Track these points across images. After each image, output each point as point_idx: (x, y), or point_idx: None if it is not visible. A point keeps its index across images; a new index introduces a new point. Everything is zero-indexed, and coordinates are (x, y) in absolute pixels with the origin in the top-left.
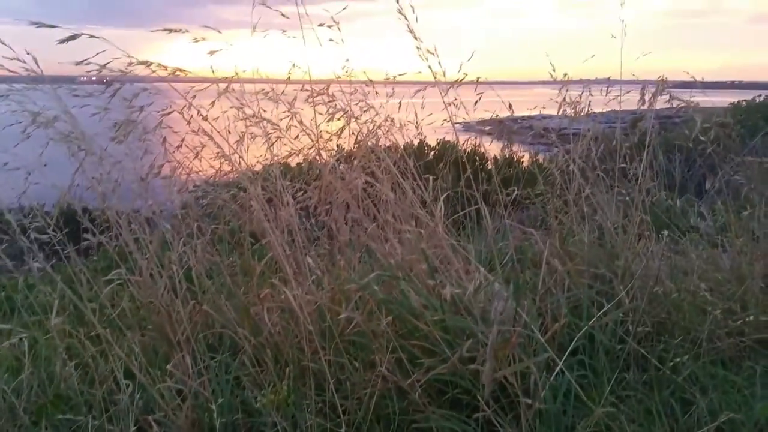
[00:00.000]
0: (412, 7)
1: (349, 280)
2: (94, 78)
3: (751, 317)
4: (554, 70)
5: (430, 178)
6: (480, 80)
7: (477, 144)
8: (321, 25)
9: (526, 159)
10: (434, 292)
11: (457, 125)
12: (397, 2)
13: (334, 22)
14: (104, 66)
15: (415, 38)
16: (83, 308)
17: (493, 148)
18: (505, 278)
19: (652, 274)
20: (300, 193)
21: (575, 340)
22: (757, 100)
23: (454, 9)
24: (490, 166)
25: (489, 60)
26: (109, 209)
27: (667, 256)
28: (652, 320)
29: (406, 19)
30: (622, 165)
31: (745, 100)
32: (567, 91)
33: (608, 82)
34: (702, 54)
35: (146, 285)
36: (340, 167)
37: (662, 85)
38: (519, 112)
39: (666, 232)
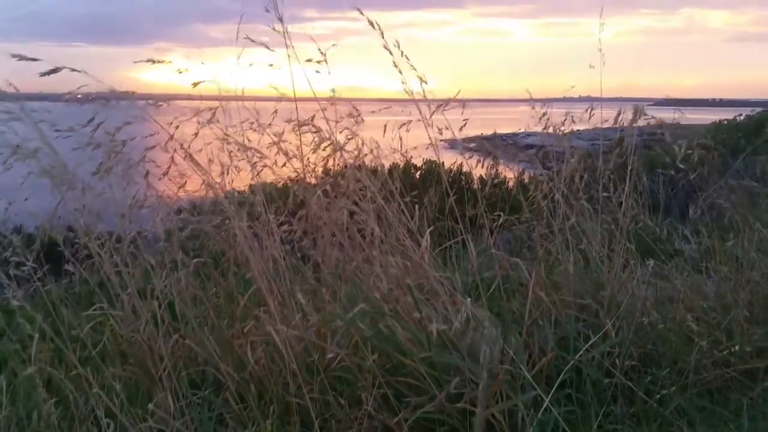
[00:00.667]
0: (397, 42)
1: (335, 315)
2: (79, 95)
3: (737, 347)
4: (529, 91)
5: (416, 207)
6: (465, 99)
7: (461, 165)
8: (309, 60)
9: (511, 177)
10: (420, 325)
11: (443, 143)
12: (380, 32)
13: (322, 54)
14: (88, 98)
15: (397, 67)
16: (64, 348)
17: (478, 165)
18: (490, 308)
19: (638, 304)
20: (285, 226)
21: (563, 373)
22: (738, 119)
23: (437, 28)
24: (475, 186)
25: (473, 79)
26: (90, 241)
27: (652, 284)
28: (638, 351)
29: (390, 53)
30: (606, 194)
31: (726, 120)
32: (545, 113)
33: (590, 100)
34: (682, 72)
35: (128, 319)
36: (326, 192)
37: (640, 111)
38: (503, 130)
39: (652, 262)
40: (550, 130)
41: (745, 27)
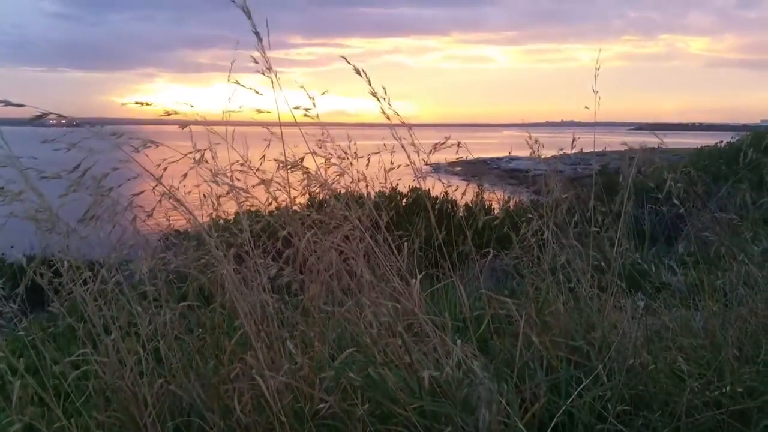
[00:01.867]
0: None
1: (325, 363)
2: (63, 121)
3: (728, 387)
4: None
5: (404, 241)
6: (451, 123)
7: (447, 192)
8: (297, 107)
9: (496, 206)
10: (411, 370)
11: (427, 167)
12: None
13: (311, 99)
14: (73, 145)
15: (375, 96)
16: (48, 401)
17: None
18: (481, 348)
19: (628, 345)
20: (273, 271)
21: (555, 418)
22: (720, 146)
23: (421, 54)
24: (461, 213)
25: (456, 104)
26: (75, 285)
27: (642, 323)
28: (630, 393)
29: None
30: (596, 230)
31: (708, 146)
32: (537, 140)
33: (572, 125)
34: (662, 97)
35: (112, 365)
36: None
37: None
38: (489, 154)
39: (641, 303)
40: (536, 153)
41: (724, 53)
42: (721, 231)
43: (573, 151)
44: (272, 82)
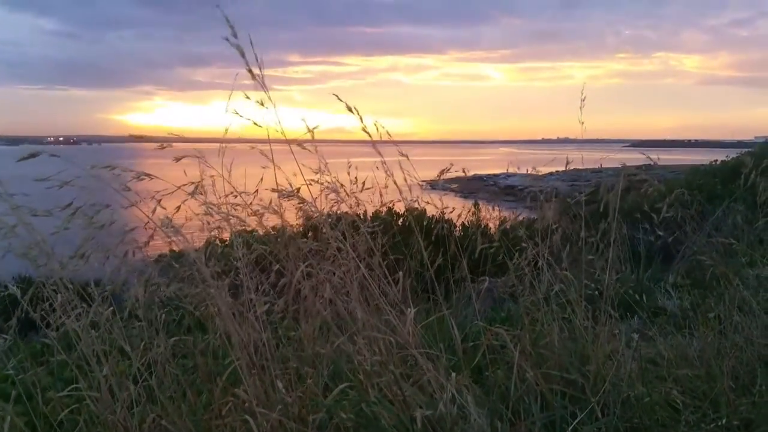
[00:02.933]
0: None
1: (317, 402)
2: (61, 138)
3: (724, 420)
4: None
5: (400, 274)
6: (448, 140)
7: (443, 212)
8: (293, 142)
9: (492, 222)
10: (405, 406)
11: (424, 183)
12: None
13: (310, 131)
14: (66, 182)
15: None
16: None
17: (459, 206)
18: (475, 380)
19: (623, 376)
20: (266, 306)
21: None
22: (714, 164)
23: (418, 72)
24: (457, 232)
25: (454, 120)
26: (68, 319)
27: (636, 353)
28: (624, 426)
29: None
30: (590, 257)
31: (703, 164)
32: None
33: (568, 142)
34: (657, 114)
35: (105, 402)
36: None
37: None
38: (485, 171)
39: (635, 335)
40: (530, 170)
41: (717, 71)
42: (716, 255)
43: (570, 168)
44: (262, 104)
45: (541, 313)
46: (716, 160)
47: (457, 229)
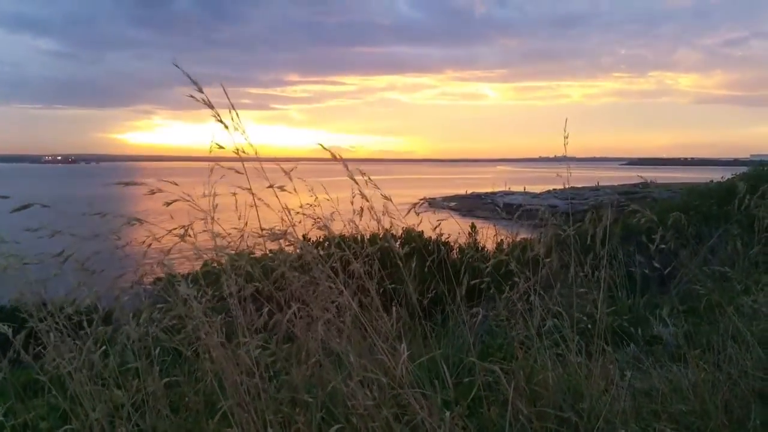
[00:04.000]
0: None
1: None
2: (59, 157)
3: None
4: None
5: (394, 311)
6: (446, 158)
7: (440, 235)
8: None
9: (491, 243)
10: None
11: (422, 200)
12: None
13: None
14: (57, 231)
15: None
16: None
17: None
18: (470, 419)
19: (617, 414)
20: (258, 351)
21: None
22: (713, 181)
23: (415, 91)
24: (455, 255)
25: (451, 139)
26: (63, 362)
27: (629, 390)
28: None
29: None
30: (583, 290)
31: (699, 185)
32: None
33: (566, 160)
34: (654, 132)
35: None
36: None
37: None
38: (483, 189)
39: (629, 375)
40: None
41: (712, 90)
42: (711, 284)
43: (567, 186)
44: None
45: (534, 349)
46: (712, 180)
47: (454, 251)
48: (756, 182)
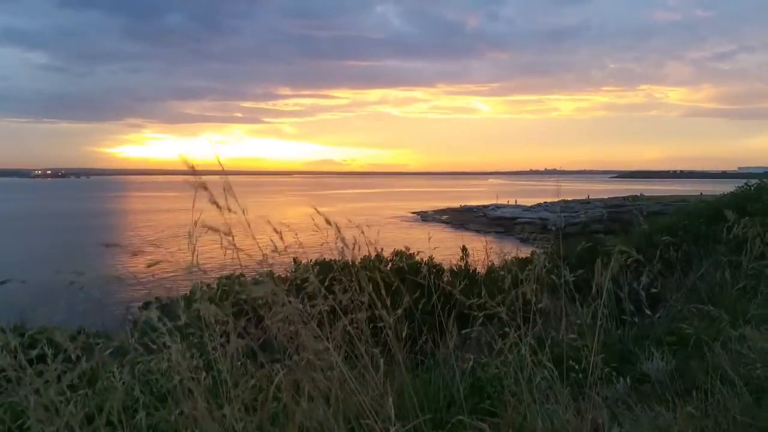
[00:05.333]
0: None
1: None
2: (49, 171)
3: None
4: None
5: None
6: (438, 171)
7: (432, 258)
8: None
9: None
10: None
11: (414, 214)
12: None
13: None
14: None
15: None
16: None
17: (448, 240)
18: None
19: None
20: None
21: None
22: (702, 194)
23: (407, 105)
24: (446, 278)
25: (443, 152)
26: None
27: None
28: None
29: None
30: (576, 340)
31: (687, 203)
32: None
33: (556, 173)
34: (643, 145)
35: None
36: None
37: None
38: (475, 202)
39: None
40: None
41: (701, 103)
42: (697, 322)
43: (558, 198)
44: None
45: (524, 405)
46: (701, 193)
47: (446, 274)
48: (743, 202)
